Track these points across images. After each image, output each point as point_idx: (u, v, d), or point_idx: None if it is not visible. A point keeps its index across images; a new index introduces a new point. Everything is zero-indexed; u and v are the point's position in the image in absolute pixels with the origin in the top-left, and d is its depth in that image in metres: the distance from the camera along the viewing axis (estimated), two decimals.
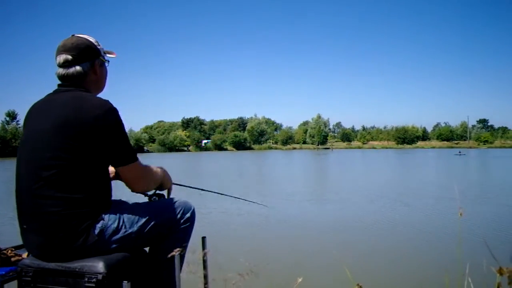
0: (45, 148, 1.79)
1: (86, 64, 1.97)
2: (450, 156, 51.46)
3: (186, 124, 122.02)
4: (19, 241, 2.41)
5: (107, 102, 1.87)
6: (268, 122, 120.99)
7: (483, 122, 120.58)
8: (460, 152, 58.68)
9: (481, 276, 1.51)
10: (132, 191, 2.05)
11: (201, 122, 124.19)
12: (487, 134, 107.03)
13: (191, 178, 21.31)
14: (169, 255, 1.94)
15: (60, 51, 1.95)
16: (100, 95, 2.10)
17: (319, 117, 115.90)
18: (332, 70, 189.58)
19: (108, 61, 2.12)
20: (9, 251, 2.22)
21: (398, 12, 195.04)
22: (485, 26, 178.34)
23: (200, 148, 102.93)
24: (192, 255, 1.51)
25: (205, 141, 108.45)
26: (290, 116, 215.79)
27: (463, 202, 11.59)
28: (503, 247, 6.35)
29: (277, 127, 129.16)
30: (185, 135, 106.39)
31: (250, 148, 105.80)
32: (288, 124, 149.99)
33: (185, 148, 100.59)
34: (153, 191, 2.24)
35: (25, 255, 2.16)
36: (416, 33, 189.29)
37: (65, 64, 1.93)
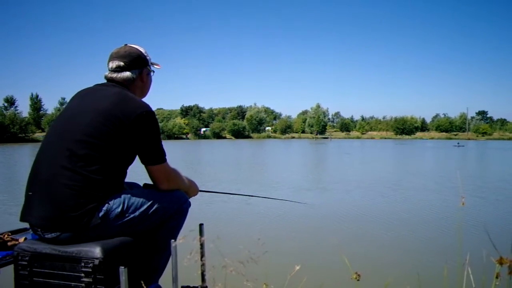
0: (84, 126, 1.89)
1: (136, 71, 2.16)
2: (448, 147, 51.55)
3: (185, 112, 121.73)
4: (16, 226, 2.41)
5: (149, 106, 2.03)
6: (267, 111, 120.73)
7: (482, 114, 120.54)
8: (458, 143, 58.71)
9: (480, 266, 1.51)
10: (158, 188, 2.14)
11: (200, 110, 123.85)
12: (486, 125, 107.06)
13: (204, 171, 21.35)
14: (167, 242, 2.00)
15: (113, 57, 2.15)
16: None
17: (318, 106, 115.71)
18: (331, 60, 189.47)
19: (154, 72, 2.31)
20: (6, 236, 2.21)
21: (398, 3, 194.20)
22: (485, 19, 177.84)
23: (198, 136, 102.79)
24: (189, 242, 1.51)
25: (204, 129, 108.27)
26: (289, 105, 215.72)
27: (464, 192, 11.62)
28: (503, 238, 6.37)
29: (276, 116, 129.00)
30: (184, 123, 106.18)
31: (248, 137, 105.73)
32: (287, 113, 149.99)
33: (184, 136, 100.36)
34: None
35: (22, 239, 2.15)
36: (416, 24, 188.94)
37: (117, 69, 2.13)
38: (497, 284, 1.37)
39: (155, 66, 2.32)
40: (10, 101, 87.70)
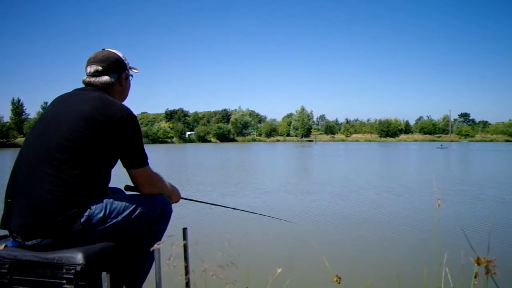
0: (65, 130, 1.87)
1: (114, 75, 2.16)
2: (432, 149, 52.13)
3: (170, 115, 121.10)
4: None
5: (130, 109, 2.04)
6: (252, 114, 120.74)
7: (464, 116, 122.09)
8: (441, 145, 59.43)
9: (459, 266, 1.53)
10: (140, 192, 2.15)
11: (185, 114, 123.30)
12: (468, 128, 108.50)
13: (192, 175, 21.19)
14: (150, 247, 1.98)
15: (91, 62, 2.14)
16: None
17: (303, 109, 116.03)
18: (316, 63, 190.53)
19: (132, 76, 2.31)
20: None
21: (381, 6, 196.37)
22: (467, 22, 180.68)
23: (183, 139, 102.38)
24: (173, 247, 1.51)
25: (189, 132, 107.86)
26: (274, 109, 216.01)
27: (442, 194, 11.79)
28: (481, 238, 6.47)
29: (261, 119, 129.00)
30: (169, 127, 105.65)
31: (233, 140, 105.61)
32: (272, 117, 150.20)
33: (169, 140, 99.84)
34: None
35: (1, 247, 2.12)
36: (399, 27, 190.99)
37: (95, 74, 2.11)
38: (475, 284, 1.40)
39: (134, 70, 2.32)
40: None
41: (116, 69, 2.16)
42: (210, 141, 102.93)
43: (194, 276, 1.43)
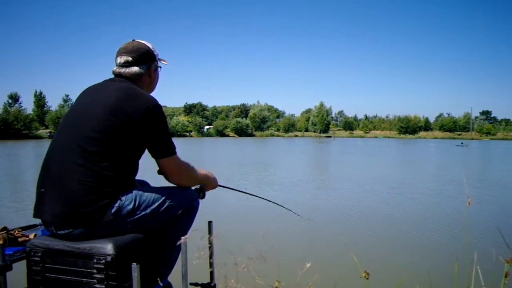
0: (95, 122, 1.89)
1: (143, 66, 2.17)
2: (452, 147, 51.36)
3: (189, 109, 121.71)
4: (26, 222, 2.43)
5: (156, 99, 2.04)
6: (271, 109, 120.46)
7: (486, 113, 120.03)
8: (462, 143, 58.37)
9: (490, 265, 1.52)
10: (169, 182, 2.16)
11: (204, 108, 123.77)
12: (489, 125, 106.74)
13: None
14: (177, 239, 2.00)
15: (121, 52, 2.15)
16: None
17: (321, 105, 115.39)
18: (335, 59, 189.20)
19: (161, 67, 2.31)
20: (16, 232, 2.22)
21: (402, 1, 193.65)
22: (490, 18, 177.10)
23: (202, 133, 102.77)
24: (199, 240, 1.52)
25: (207, 127, 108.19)
26: (292, 104, 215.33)
27: (470, 192, 11.61)
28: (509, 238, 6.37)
29: (279, 114, 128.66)
30: (187, 121, 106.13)
31: (252, 135, 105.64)
32: (291, 112, 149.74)
33: (187, 134, 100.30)
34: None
35: (32, 235, 2.16)
36: (421, 23, 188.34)
37: (125, 65, 2.13)
38: (505, 283, 1.39)
39: (162, 62, 2.32)
40: (14, 98, 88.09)
41: (146, 60, 2.17)
42: (228, 136, 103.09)
43: (224, 268, 1.44)
